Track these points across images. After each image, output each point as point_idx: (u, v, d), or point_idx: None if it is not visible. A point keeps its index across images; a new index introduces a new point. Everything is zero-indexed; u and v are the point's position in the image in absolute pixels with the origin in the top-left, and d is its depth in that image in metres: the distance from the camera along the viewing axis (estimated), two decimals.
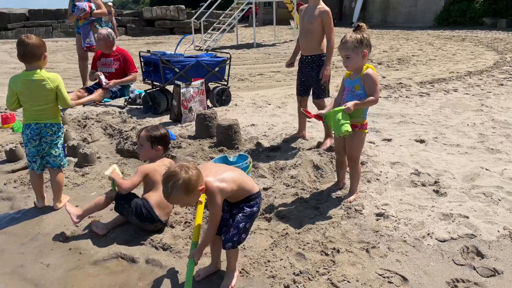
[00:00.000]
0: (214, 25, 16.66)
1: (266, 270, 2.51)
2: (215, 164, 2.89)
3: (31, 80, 3.06)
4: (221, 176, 2.26)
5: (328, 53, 4.33)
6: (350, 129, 2.92)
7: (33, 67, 3.08)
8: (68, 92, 3.31)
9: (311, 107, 4.26)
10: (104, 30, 6.67)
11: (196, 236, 2.41)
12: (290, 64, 4.85)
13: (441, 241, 2.73)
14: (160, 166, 3.02)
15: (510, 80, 7.89)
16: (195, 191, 2.12)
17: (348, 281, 2.38)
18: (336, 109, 2.95)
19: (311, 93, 4.58)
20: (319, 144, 4.51)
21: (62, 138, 3.31)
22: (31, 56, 3.05)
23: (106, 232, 2.96)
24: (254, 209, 2.39)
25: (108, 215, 3.15)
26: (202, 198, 2.52)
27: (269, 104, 6.55)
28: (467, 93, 6.99)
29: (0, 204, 3.46)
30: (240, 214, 2.34)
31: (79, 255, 2.74)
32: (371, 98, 3.01)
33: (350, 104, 2.95)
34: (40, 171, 3.29)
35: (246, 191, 2.35)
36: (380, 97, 3.89)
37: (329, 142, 4.38)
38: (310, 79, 4.49)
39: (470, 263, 2.51)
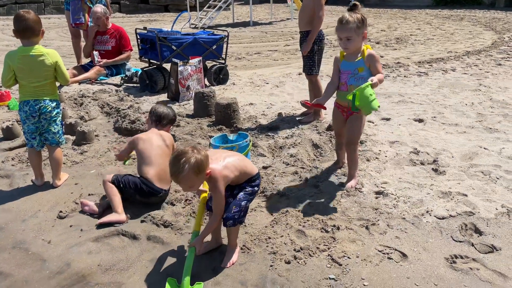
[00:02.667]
0: (210, 2, 16.37)
1: (267, 246, 2.53)
2: (215, 150, 2.90)
3: (29, 56, 3.00)
4: (223, 163, 2.28)
5: (312, 29, 4.28)
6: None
7: (31, 43, 3.03)
8: None
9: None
10: (99, 8, 6.52)
11: (198, 225, 2.42)
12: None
13: (439, 219, 2.76)
14: (142, 134, 3.17)
15: (508, 60, 7.87)
16: (203, 173, 2.14)
17: (348, 257, 2.41)
18: (362, 86, 2.73)
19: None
20: (304, 114, 4.76)
21: (61, 115, 3.28)
22: (31, 31, 3.00)
23: (102, 210, 2.95)
24: (255, 188, 2.44)
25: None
26: (206, 186, 2.52)
27: (267, 83, 6.50)
28: (465, 73, 6.97)
29: None
30: (241, 193, 2.37)
31: (80, 232, 2.74)
32: (382, 76, 2.91)
33: (375, 78, 2.81)
34: (40, 148, 3.27)
35: (247, 174, 2.39)
36: None
37: (314, 118, 4.61)
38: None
39: (468, 239, 2.55)
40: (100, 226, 2.77)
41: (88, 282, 2.30)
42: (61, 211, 2.95)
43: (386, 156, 3.71)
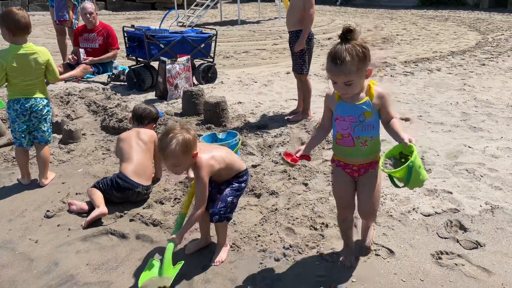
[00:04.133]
0: (197, 0, 16.30)
1: (256, 244, 2.55)
2: (204, 143, 2.90)
3: (23, 54, 2.98)
4: (210, 153, 2.30)
5: (304, 26, 4.31)
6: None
7: (24, 41, 3.01)
8: None
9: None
10: (88, 4, 6.46)
11: (186, 208, 2.41)
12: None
13: (425, 216, 2.81)
14: (123, 134, 3.25)
15: (491, 60, 8.02)
16: (190, 153, 2.15)
17: (337, 254, 2.44)
18: (414, 155, 1.97)
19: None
20: (292, 113, 4.77)
21: (51, 113, 3.25)
22: (28, 29, 2.99)
23: (89, 209, 2.93)
24: (242, 185, 2.45)
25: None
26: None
27: (255, 82, 6.52)
28: (450, 73, 7.08)
29: None
30: (228, 188, 2.38)
31: (68, 231, 2.72)
32: (397, 121, 2.15)
33: (412, 138, 2.03)
34: (29, 146, 3.23)
35: (234, 170, 2.41)
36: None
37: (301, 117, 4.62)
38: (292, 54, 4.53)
39: (453, 236, 2.60)
40: (87, 226, 2.75)
41: (77, 282, 2.29)
42: (48, 211, 2.92)
43: None
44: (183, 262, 2.25)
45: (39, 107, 3.12)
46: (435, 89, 6.07)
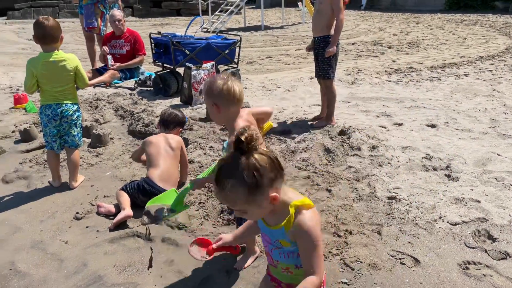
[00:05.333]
0: (222, 6, 16.49)
1: None
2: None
3: (51, 62, 3.09)
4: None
5: (334, 33, 4.32)
6: None
7: (51, 49, 3.11)
8: None
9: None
10: (117, 11, 6.65)
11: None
12: (309, 49, 4.79)
13: (452, 225, 2.76)
14: (152, 137, 3.33)
15: None
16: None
17: (360, 262, 2.43)
18: None
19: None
20: (316, 118, 4.78)
21: (81, 118, 3.37)
22: (50, 38, 3.08)
23: (117, 211, 2.99)
24: None
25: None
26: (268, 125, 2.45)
27: (279, 88, 6.54)
28: (478, 78, 6.93)
29: (17, 182, 3.53)
30: None
31: (96, 233, 2.80)
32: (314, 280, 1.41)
33: None
34: (59, 150, 3.35)
35: None
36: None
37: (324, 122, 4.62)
38: (318, 59, 4.52)
39: (481, 246, 2.55)
40: (114, 228, 2.83)
41: (104, 283, 2.35)
42: (77, 212, 3.01)
43: (398, 162, 3.71)
44: (190, 206, 2.30)
45: (69, 112, 3.23)
46: (462, 95, 5.95)
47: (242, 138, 1.37)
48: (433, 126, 4.63)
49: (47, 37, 3.06)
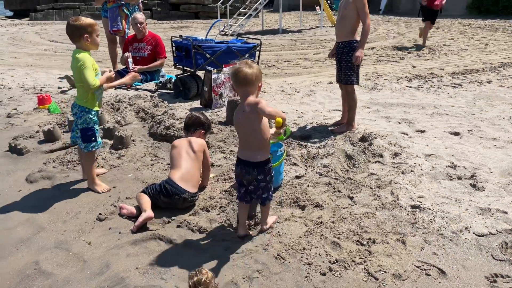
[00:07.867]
0: (240, 10, 16.55)
1: (301, 257, 2.54)
2: None
3: (72, 59, 3.21)
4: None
5: (362, 36, 4.28)
6: None
7: (76, 46, 3.21)
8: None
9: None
10: (139, 14, 6.73)
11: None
12: (332, 55, 4.74)
13: (479, 236, 2.70)
14: (176, 141, 3.39)
15: None
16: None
17: (384, 272, 2.39)
18: None
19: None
20: (336, 124, 4.77)
21: (86, 123, 3.28)
22: (70, 36, 3.19)
23: (138, 213, 3.01)
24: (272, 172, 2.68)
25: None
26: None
27: (298, 92, 6.52)
28: (501, 85, 6.79)
29: (41, 182, 3.58)
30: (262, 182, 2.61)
31: (118, 235, 2.82)
32: None
33: None
34: (84, 150, 3.36)
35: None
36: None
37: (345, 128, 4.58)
38: (341, 64, 4.48)
39: (509, 258, 2.48)
40: (137, 230, 2.84)
41: (127, 285, 2.36)
42: (100, 214, 3.04)
43: (421, 170, 3.65)
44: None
45: (74, 111, 3.33)
46: (486, 102, 5.84)
47: (190, 282, 1.86)
48: (456, 133, 4.55)
49: (69, 35, 3.19)
